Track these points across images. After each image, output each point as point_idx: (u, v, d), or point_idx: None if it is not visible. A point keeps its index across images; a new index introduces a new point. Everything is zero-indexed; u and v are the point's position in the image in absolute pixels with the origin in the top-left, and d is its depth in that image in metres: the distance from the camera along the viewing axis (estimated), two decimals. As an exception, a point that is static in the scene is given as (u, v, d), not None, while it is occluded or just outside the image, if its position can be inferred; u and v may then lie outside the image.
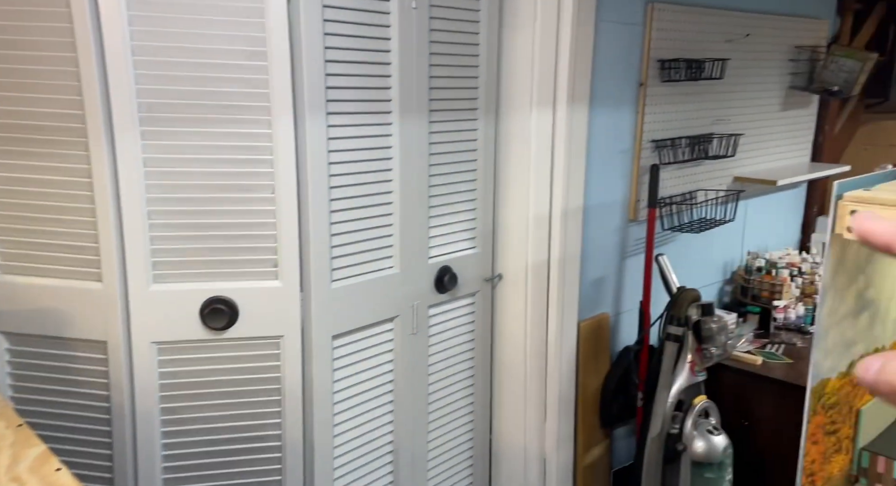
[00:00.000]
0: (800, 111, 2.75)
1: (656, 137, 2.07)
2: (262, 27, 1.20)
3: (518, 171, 1.74)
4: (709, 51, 2.15)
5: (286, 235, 1.28)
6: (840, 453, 0.82)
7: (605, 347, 2.09)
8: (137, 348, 1.28)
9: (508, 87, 1.70)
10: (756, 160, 2.57)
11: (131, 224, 1.21)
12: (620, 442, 2.23)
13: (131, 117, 1.17)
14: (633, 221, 2.11)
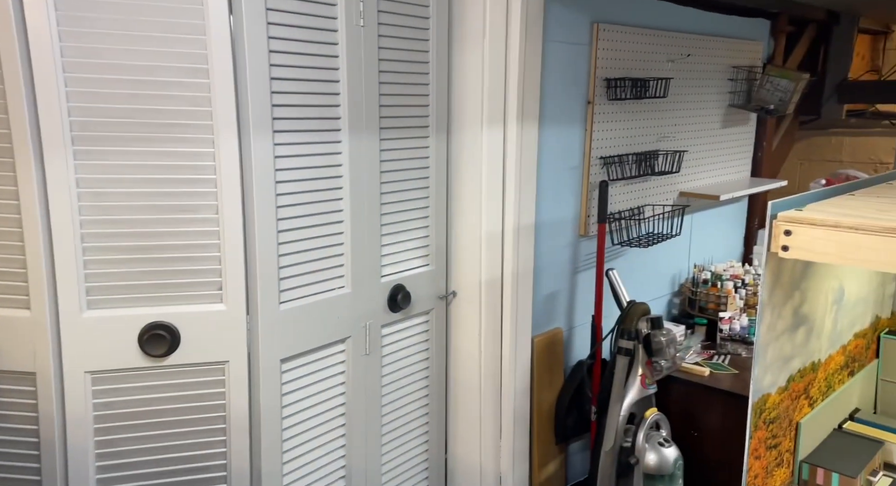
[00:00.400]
0: (740, 128, 2.86)
1: (604, 154, 2.11)
2: (204, 44, 1.16)
3: (470, 188, 1.74)
4: (653, 70, 2.21)
5: (231, 256, 1.24)
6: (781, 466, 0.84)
7: (559, 361, 2.10)
8: (69, 378, 1.21)
9: (459, 104, 1.71)
10: (700, 176, 2.65)
11: (62, 248, 1.15)
12: (575, 456, 2.24)
13: (62, 137, 1.12)
14: (584, 237, 2.14)
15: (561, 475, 2.17)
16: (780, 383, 0.80)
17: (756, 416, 0.75)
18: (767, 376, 0.76)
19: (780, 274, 0.72)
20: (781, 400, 0.81)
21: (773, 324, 0.69)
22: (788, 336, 0.79)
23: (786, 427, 0.83)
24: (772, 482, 0.81)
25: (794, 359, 0.83)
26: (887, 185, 0.84)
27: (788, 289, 0.76)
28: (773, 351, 0.69)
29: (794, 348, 0.81)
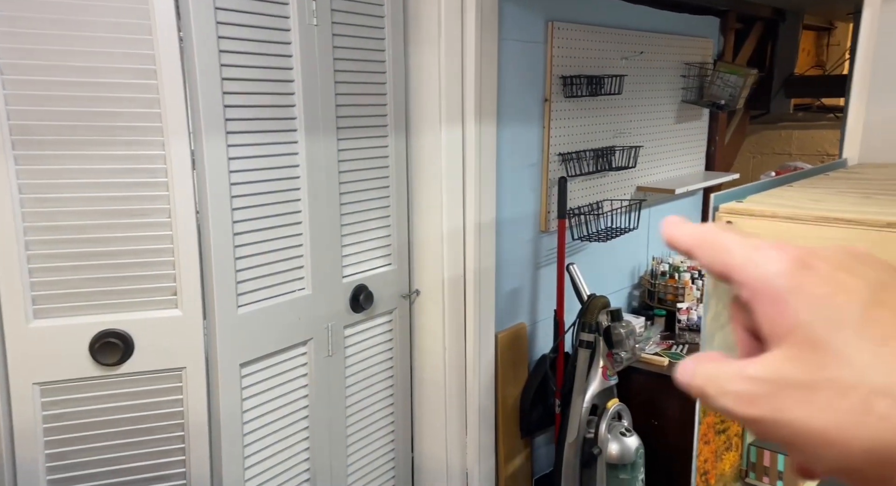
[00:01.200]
0: (693, 123, 2.94)
1: (563, 151, 2.14)
2: (151, 44, 1.14)
3: (430, 186, 1.74)
4: (608, 67, 2.25)
5: (185, 260, 1.22)
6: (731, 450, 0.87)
7: (523, 356, 2.13)
8: (16, 390, 1.17)
9: (417, 103, 1.71)
10: (656, 170, 2.71)
11: (5, 256, 1.11)
12: (541, 450, 2.27)
13: (1, 142, 1.07)
14: (545, 232, 2.16)
15: (527, 468, 2.20)
16: (727, 370, 0.82)
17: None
18: (715, 364, 0.78)
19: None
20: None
21: (719, 313, 0.71)
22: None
23: (734, 413, 0.86)
24: (722, 466, 0.84)
25: (741, 346, 0.86)
26: (824, 176, 0.87)
27: (733, 279, 0.78)
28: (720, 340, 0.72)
29: (739, 336, 0.84)
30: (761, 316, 0.25)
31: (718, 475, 0.81)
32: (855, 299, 0.23)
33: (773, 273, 0.25)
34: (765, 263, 0.25)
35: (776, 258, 0.25)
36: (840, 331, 0.23)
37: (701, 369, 0.26)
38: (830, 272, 0.24)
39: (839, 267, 0.25)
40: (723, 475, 0.83)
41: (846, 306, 0.23)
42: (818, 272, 0.24)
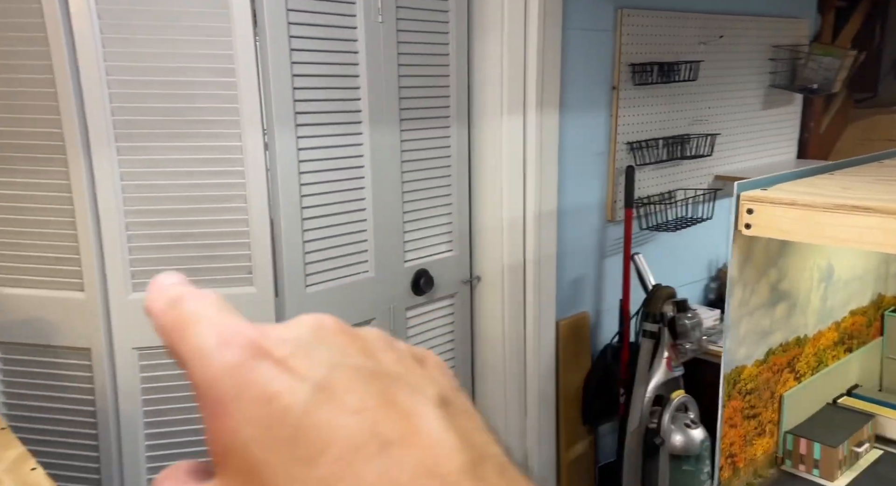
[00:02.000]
0: (783, 109, 2.79)
1: (631, 139, 2.12)
2: (230, 45, 1.26)
3: (492, 175, 1.79)
4: (682, 53, 2.19)
5: (259, 242, 1.34)
6: (764, 436, 0.87)
7: (586, 345, 2.14)
8: (120, 354, 1.34)
9: (480, 93, 1.76)
10: (738, 159, 2.61)
11: (110, 236, 1.28)
12: (607, 438, 2.27)
13: (107, 134, 1.23)
14: (612, 222, 2.15)
15: (590, 455, 2.21)
16: (757, 356, 0.82)
17: (730, 386, 0.78)
18: (742, 349, 0.79)
19: (750, 252, 0.75)
20: (760, 372, 0.83)
21: (746, 300, 0.72)
22: (765, 311, 0.81)
23: (767, 399, 0.85)
24: (752, 451, 0.84)
25: (775, 333, 0.85)
26: (878, 164, 0.84)
27: (762, 266, 0.78)
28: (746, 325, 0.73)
29: (773, 323, 0.83)
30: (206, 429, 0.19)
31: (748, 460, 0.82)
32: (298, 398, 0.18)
33: (219, 369, 0.18)
34: (212, 354, 0.19)
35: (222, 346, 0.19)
36: (277, 449, 0.17)
37: None
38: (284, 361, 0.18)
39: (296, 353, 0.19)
40: (753, 459, 0.83)
41: (288, 412, 0.17)
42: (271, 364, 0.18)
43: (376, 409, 0.18)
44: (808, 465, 0.87)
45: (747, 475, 0.80)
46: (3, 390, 1.41)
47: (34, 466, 0.92)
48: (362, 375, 0.19)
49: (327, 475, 0.17)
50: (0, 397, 1.42)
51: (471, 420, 0.20)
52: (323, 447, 0.17)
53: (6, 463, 0.92)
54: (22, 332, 1.37)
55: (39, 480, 0.88)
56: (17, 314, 1.36)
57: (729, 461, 0.79)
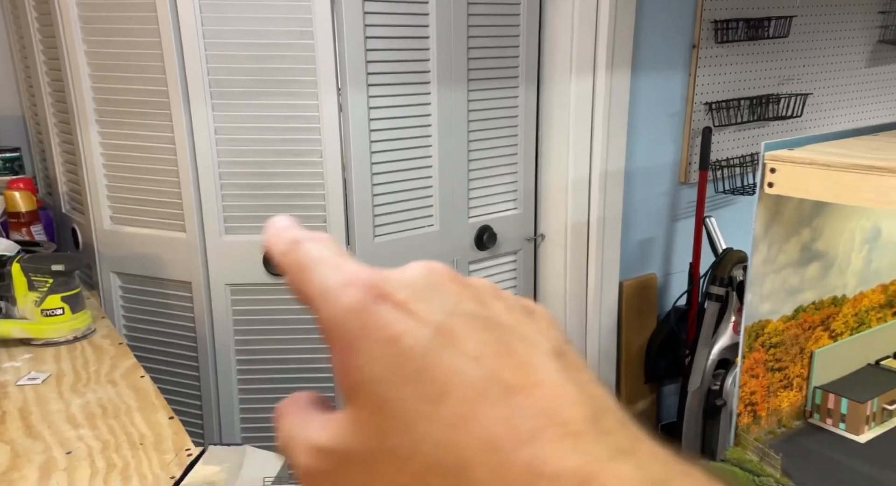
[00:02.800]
0: (893, 66, 2.58)
1: (710, 100, 2.06)
2: (310, 9, 1.37)
3: (558, 135, 1.82)
4: (772, 8, 2.08)
5: (332, 194, 1.47)
6: (790, 390, 0.89)
7: (652, 306, 2.15)
8: (215, 288, 1.53)
9: (550, 53, 1.78)
10: (836, 121, 2.46)
11: (206, 184, 1.45)
12: (670, 399, 2.30)
13: (204, 93, 1.39)
14: (685, 184, 2.12)
15: (651, 413, 2.25)
16: (784, 311, 0.84)
17: (752, 338, 0.81)
18: (765, 304, 0.81)
19: (778, 211, 0.76)
20: (787, 328, 0.85)
21: (773, 257, 0.75)
22: (795, 270, 0.82)
23: (795, 354, 0.87)
24: (777, 402, 0.87)
25: (806, 292, 0.87)
26: (935, 125, 0.82)
27: (794, 225, 0.80)
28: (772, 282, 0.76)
29: (803, 281, 0.85)
30: (334, 366, 0.20)
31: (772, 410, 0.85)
32: (420, 341, 0.18)
33: (343, 310, 0.20)
34: (334, 294, 0.20)
35: (345, 289, 0.20)
36: (403, 387, 0.18)
37: (285, 424, 0.21)
38: (403, 305, 0.19)
39: (413, 297, 0.19)
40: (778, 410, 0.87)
41: (410, 353, 0.18)
42: (391, 306, 0.19)
43: (495, 357, 0.18)
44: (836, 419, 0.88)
45: (770, 425, 0.83)
46: (123, 314, 1.66)
47: (143, 374, 1.11)
48: (478, 322, 0.19)
49: (453, 415, 0.17)
50: (122, 320, 1.67)
51: (584, 374, 0.20)
52: (446, 388, 0.18)
53: (121, 370, 1.12)
54: (137, 265, 1.59)
55: (147, 386, 1.06)
56: (132, 249, 1.58)
57: (749, 408, 0.83)
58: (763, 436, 0.82)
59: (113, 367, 1.13)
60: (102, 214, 1.58)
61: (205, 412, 1.62)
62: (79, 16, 1.43)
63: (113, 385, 1.05)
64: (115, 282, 1.64)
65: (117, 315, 1.66)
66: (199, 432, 1.63)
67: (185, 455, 0.78)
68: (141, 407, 0.94)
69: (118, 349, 1.22)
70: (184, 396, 1.64)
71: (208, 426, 1.62)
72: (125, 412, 0.92)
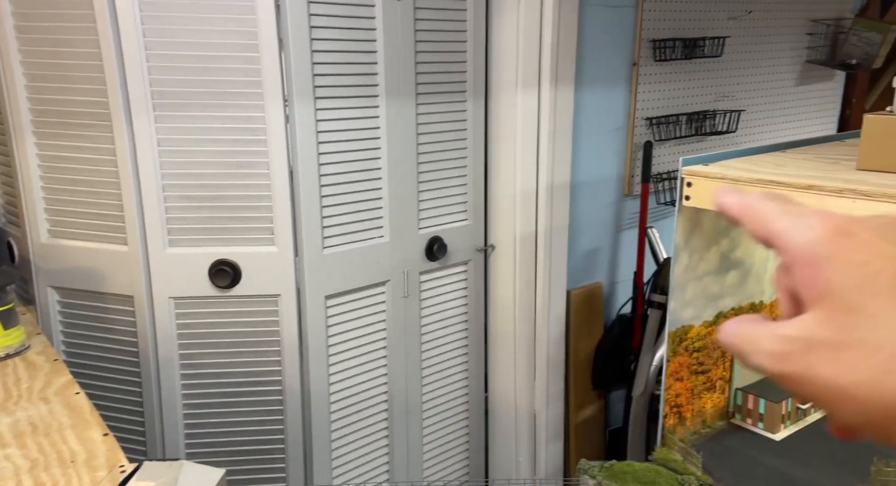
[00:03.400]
0: (821, 85, 2.73)
1: (651, 115, 2.15)
2: (254, 22, 1.37)
3: (506, 148, 1.87)
4: (707, 29, 2.19)
5: (280, 206, 1.47)
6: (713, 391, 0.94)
7: (598, 314, 2.21)
8: (158, 302, 1.50)
9: (497, 68, 1.82)
10: (768, 135, 2.59)
11: (149, 196, 1.43)
12: (618, 404, 2.36)
13: (146, 104, 1.37)
14: (629, 196, 2.20)
15: (600, 419, 2.30)
16: (705, 317, 0.89)
17: (676, 343, 0.86)
18: (687, 310, 0.86)
19: (698, 222, 0.81)
20: (709, 332, 0.91)
21: (694, 265, 0.79)
22: (714, 277, 0.88)
23: (717, 357, 0.93)
24: (700, 403, 0.92)
25: (726, 298, 0.92)
26: (840, 143, 0.89)
27: (713, 235, 0.85)
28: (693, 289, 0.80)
29: (723, 288, 0.90)
30: (798, 281, 0.26)
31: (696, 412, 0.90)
32: (889, 266, 0.24)
33: (812, 240, 0.26)
34: (804, 230, 0.26)
35: (815, 226, 0.26)
36: (873, 297, 0.24)
37: (739, 329, 0.28)
38: (869, 240, 0.25)
39: (879, 236, 0.25)
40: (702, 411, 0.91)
41: (881, 274, 0.24)
42: (857, 240, 0.25)
43: None
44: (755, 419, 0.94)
45: (695, 425, 0.88)
46: (62, 329, 1.61)
47: (78, 391, 1.08)
48: None
49: None
50: (60, 336, 1.62)
51: None
52: None
53: (55, 387, 1.09)
54: (76, 279, 1.55)
55: (81, 403, 1.04)
56: (72, 263, 1.54)
57: (675, 410, 0.88)
58: (688, 436, 0.86)
59: (47, 384, 1.10)
60: (39, 228, 1.54)
61: (147, 428, 1.59)
62: (14, 25, 1.40)
63: (45, 403, 1.02)
64: (52, 297, 1.59)
65: (55, 331, 1.61)
66: (141, 449, 1.59)
67: (118, 472, 0.77)
68: (74, 424, 0.92)
69: (53, 366, 1.19)
70: (125, 412, 1.60)
71: (151, 442, 1.58)
72: (57, 430, 0.90)
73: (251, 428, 1.61)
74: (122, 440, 1.58)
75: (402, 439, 1.87)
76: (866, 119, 0.74)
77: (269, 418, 1.61)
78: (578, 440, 2.23)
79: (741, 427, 0.95)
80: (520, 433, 2.09)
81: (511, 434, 2.11)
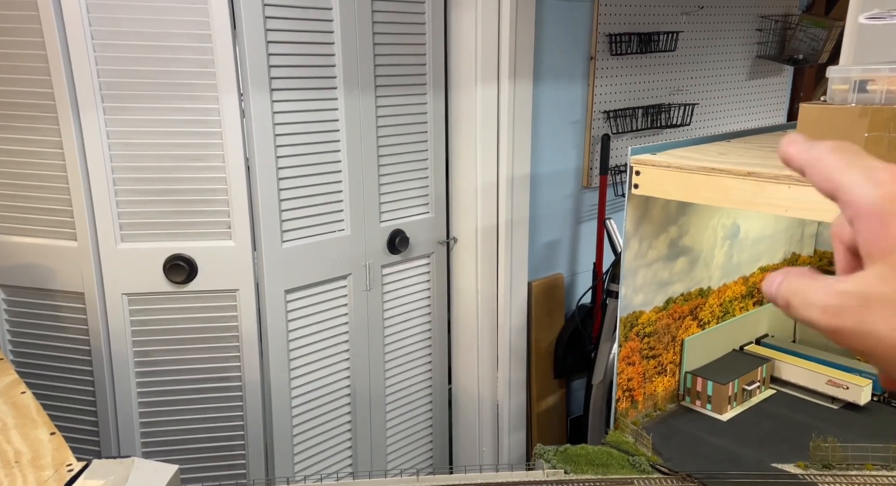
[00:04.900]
0: (771, 79, 2.82)
1: (608, 108, 2.18)
2: (206, 11, 1.34)
3: (467, 141, 1.88)
4: (662, 24, 2.24)
5: (236, 199, 1.45)
6: (665, 375, 0.97)
7: (559, 304, 2.24)
8: (110, 298, 1.47)
9: (456, 62, 1.83)
10: (721, 128, 2.66)
11: (98, 190, 1.39)
12: (579, 393, 2.40)
13: (94, 96, 1.33)
14: (588, 188, 2.24)
15: (561, 407, 2.34)
16: (656, 303, 0.92)
17: (627, 328, 0.88)
18: (638, 296, 0.88)
19: (647, 210, 0.83)
20: (659, 318, 0.93)
21: (643, 252, 0.82)
22: (664, 264, 0.90)
23: (668, 342, 0.95)
24: (652, 387, 0.95)
25: (675, 284, 0.95)
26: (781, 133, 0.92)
27: (662, 223, 0.87)
28: (644, 275, 0.82)
29: (672, 274, 0.93)
30: (860, 236, 0.26)
31: (648, 395, 0.92)
32: None
33: (878, 196, 0.25)
34: (871, 186, 0.26)
35: (883, 182, 0.26)
36: None
37: (788, 282, 0.27)
38: None
39: None
40: (653, 394, 0.94)
41: None
42: None
43: None
44: (703, 401, 0.97)
45: (647, 408, 0.90)
46: (8, 328, 1.55)
47: (24, 390, 1.05)
48: None
49: None
50: (7, 336, 1.56)
51: None
52: None
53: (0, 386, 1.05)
54: (23, 276, 1.49)
55: (27, 402, 1.00)
56: (18, 260, 1.48)
57: (627, 394, 0.90)
58: (640, 419, 0.89)
59: (-9, 384, 1.06)
60: (-17, 223, 1.48)
61: (101, 427, 1.55)
62: (-49, 11, 1.34)
63: (-10, 404, 0.98)
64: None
65: (1, 330, 1.55)
66: (95, 449, 1.55)
67: (65, 471, 0.75)
68: (19, 424, 0.89)
69: (-1, 365, 1.14)
70: (78, 412, 1.56)
71: (105, 442, 1.55)
72: (0, 430, 0.87)
73: (210, 425, 1.59)
74: (75, 440, 1.54)
75: (365, 431, 1.87)
76: (802, 108, 0.77)
77: (228, 414, 1.59)
78: (541, 428, 2.27)
79: (690, 409, 0.99)
80: (483, 422, 2.12)
81: (474, 424, 2.13)
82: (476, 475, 0.88)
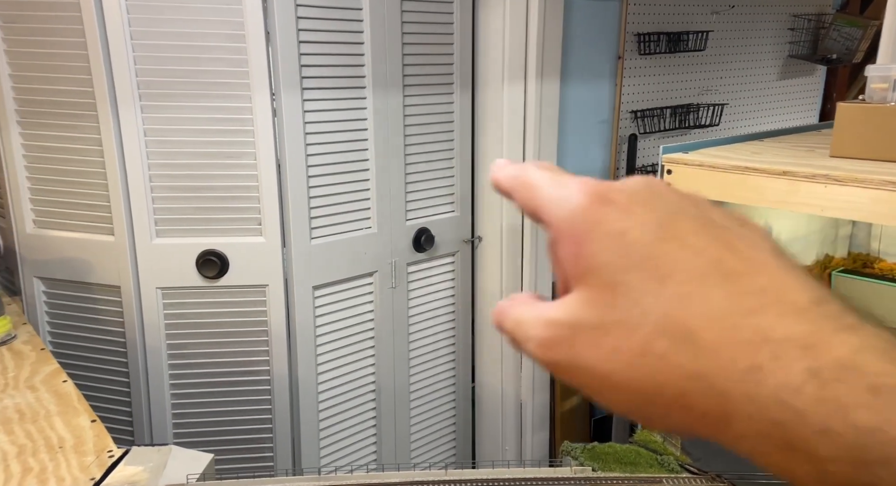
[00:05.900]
0: (803, 80, 2.77)
1: (635, 108, 2.17)
2: (241, 13, 1.37)
3: (493, 140, 1.88)
4: (691, 23, 2.22)
5: (267, 196, 1.48)
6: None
7: (583, 305, 2.24)
8: (145, 292, 1.51)
9: (483, 62, 1.84)
10: (750, 129, 2.62)
11: (135, 186, 1.43)
12: (602, 395, 2.39)
13: (132, 94, 1.37)
14: (614, 188, 2.23)
15: (585, 407, 2.34)
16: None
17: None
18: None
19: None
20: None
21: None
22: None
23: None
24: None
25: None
26: (817, 132, 0.91)
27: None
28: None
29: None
30: (563, 256, 0.23)
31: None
32: (645, 234, 0.22)
33: (572, 211, 0.23)
34: (564, 200, 0.24)
35: (575, 195, 0.24)
36: (629, 272, 0.21)
37: (511, 313, 0.24)
38: (627, 207, 0.23)
39: (635, 201, 0.23)
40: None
41: (635, 245, 0.22)
42: (616, 208, 0.23)
43: (716, 249, 0.21)
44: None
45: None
46: (48, 320, 1.60)
47: (65, 379, 1.09)
48: (698, 222, 0.22)
49: (678, 293, 0.20)
50: (47, 327, 1.61)
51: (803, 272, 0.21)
52: (670, 272, 0.21)
53: (42, 375, 1.10)
54: (63, 269, 1.54)
55: (69, 390, 1.04)
56: (57, 254, 1.53)
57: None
58: (668, 419, 0.88)
59: (33, 372, 1.10)
60: (25, 218, 1.53)
61: (135, 416, 1.59)
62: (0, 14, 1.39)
63: (32, 391, 1.02)
64: (38, 287, 1.59)
65: (41, 321, 1.60)
66: (129, 438, 1.60)
67: (106, 457, 0.78)
68: (62, 411, 0.92)
69: (39, 355, 1.19)
70: (113, 402, 1.60)
71: (139, 430, 1.59)
72: (44, 417, 0.90)
73: (239, 417, 1.62)
74: (110, 429, 1.58)
75: (389, 426, 1.89)
76: (839, 107, 0.77)
77: (257, 406, 1.62)
78: (564, 428, 2.26)
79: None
80: (506, 421, 2.12)
81: (497, 422, 2.13)
82: (503, 470, 0.88)
